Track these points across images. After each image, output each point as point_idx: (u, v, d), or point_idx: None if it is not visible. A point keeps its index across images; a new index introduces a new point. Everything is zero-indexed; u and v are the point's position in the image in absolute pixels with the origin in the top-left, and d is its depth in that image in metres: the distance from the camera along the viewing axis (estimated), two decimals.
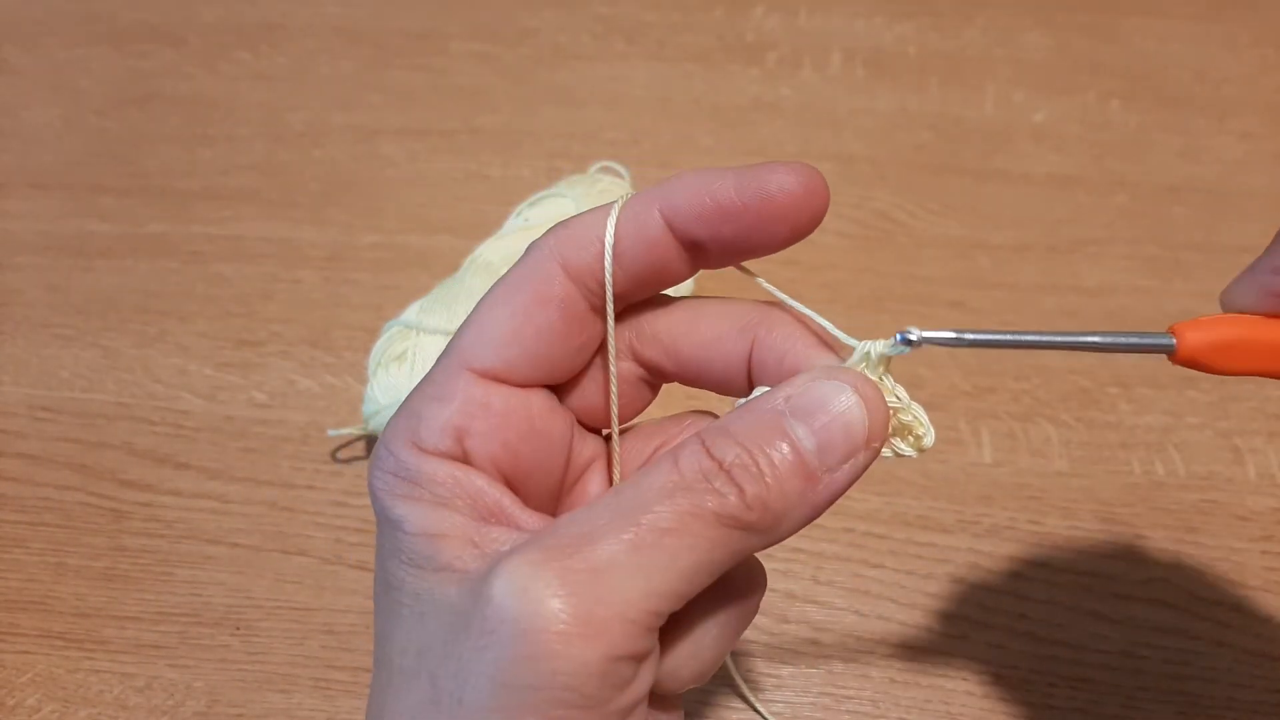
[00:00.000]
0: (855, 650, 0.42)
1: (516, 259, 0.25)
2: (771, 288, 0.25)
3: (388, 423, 0.25)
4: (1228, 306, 0.27)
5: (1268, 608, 0.42)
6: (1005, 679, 0.41)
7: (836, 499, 0.23)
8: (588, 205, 0.48)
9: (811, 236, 0.24)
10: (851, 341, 0.24)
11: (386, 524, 0.24)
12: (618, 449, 0.27)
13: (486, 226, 0.50)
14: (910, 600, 0.43)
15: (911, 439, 0.24)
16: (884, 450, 0.24)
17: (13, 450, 0.49)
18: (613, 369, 0.25)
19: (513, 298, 0.24)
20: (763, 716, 0.40)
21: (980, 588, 0.43)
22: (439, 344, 0.44)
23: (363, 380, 0.50)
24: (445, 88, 0.65)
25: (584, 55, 0.67)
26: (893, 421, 0.24)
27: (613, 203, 0.24)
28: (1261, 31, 0.67)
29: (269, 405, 0.50)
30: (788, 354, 0.25)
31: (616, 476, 0.27)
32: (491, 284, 0.25)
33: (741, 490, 0.22)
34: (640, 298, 0.26)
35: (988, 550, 0.44)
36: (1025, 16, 0.68)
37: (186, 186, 0.60)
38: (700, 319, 0.26)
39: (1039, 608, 0.42)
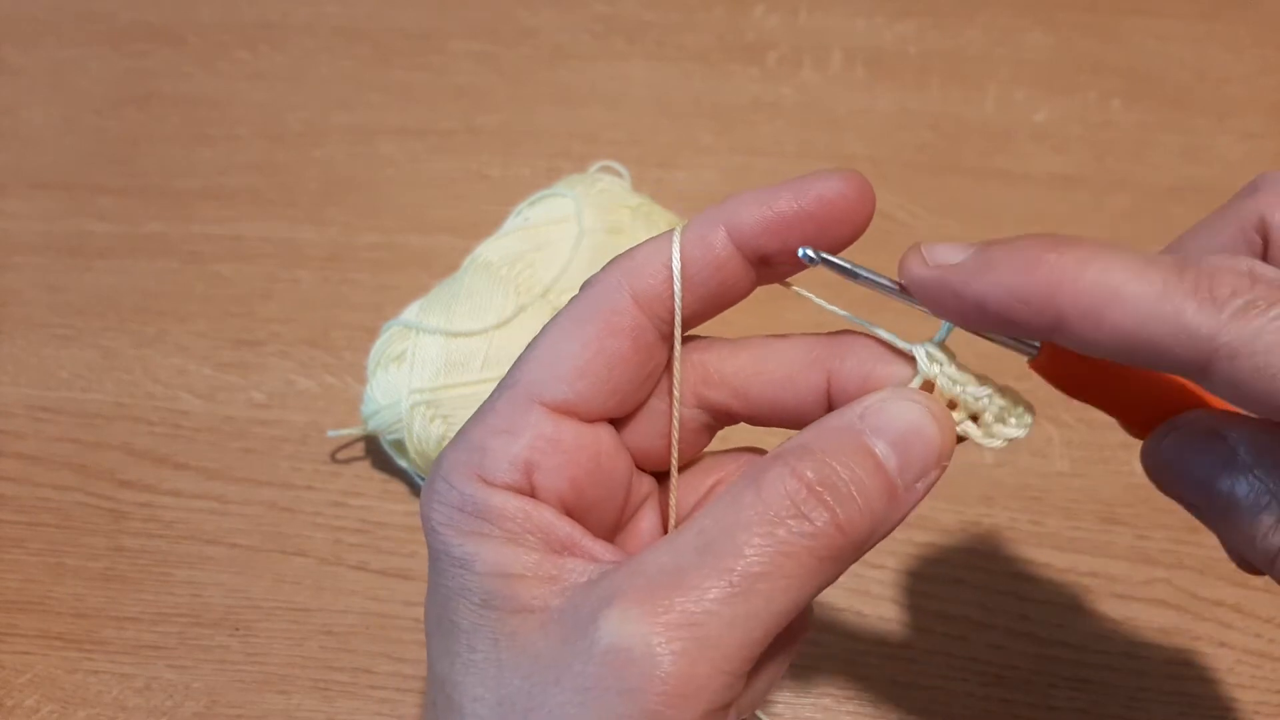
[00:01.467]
0: (856, 651, 0.42)
1: (515, 257, 0.25)
2: (821, 301, 0.26)
3: (442, 455, 0.24)
4: None
5: (1268, 608, 0.42)
6: (1006, 679, 0.41)
7: (905, 517, 0.23)
8: (588, 205, 0.48)
9: None
10: (904, 345, 0.25)
11: (449, 561, 0.23)
12: (675, 479, 0.26)
13: (486, 226, 0.50)
14: (911, 601, 0.43)
15: (1014, 418, 0.25)
16: (994, 441, 0.24)
17: (11, 450, 0.49)
18: (676, 394, 0.25)
19: (582, 329, 0.24)
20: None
21: (981, 588, 0.43)
22: (438, 344, 0.44)
23: (362, 380, 0.49)
24: (444, 87, 0.65)
25: (584, 55, 0.67)
26: (988, 411, 0.24)
27: (673, 229, 0.24)
28: (1262, 31, 0.67)
29: (268, 405, 0.50)
30: (869, 377, 0.24)
31: (673, 514, 0.26)
32: (490, 283, 0.25)
33: (834, 513, 0.21)
34: (706, 320, 0.25)
35: (988, 551, 0.44)
36: (1026, 16, 0.68)
37: (185, 186, 0.60)
38: (769, 358, 0.25)
39: (1040, 608, 0.42)
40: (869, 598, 0.43)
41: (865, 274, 0.24)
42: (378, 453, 0.48)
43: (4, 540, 0.46)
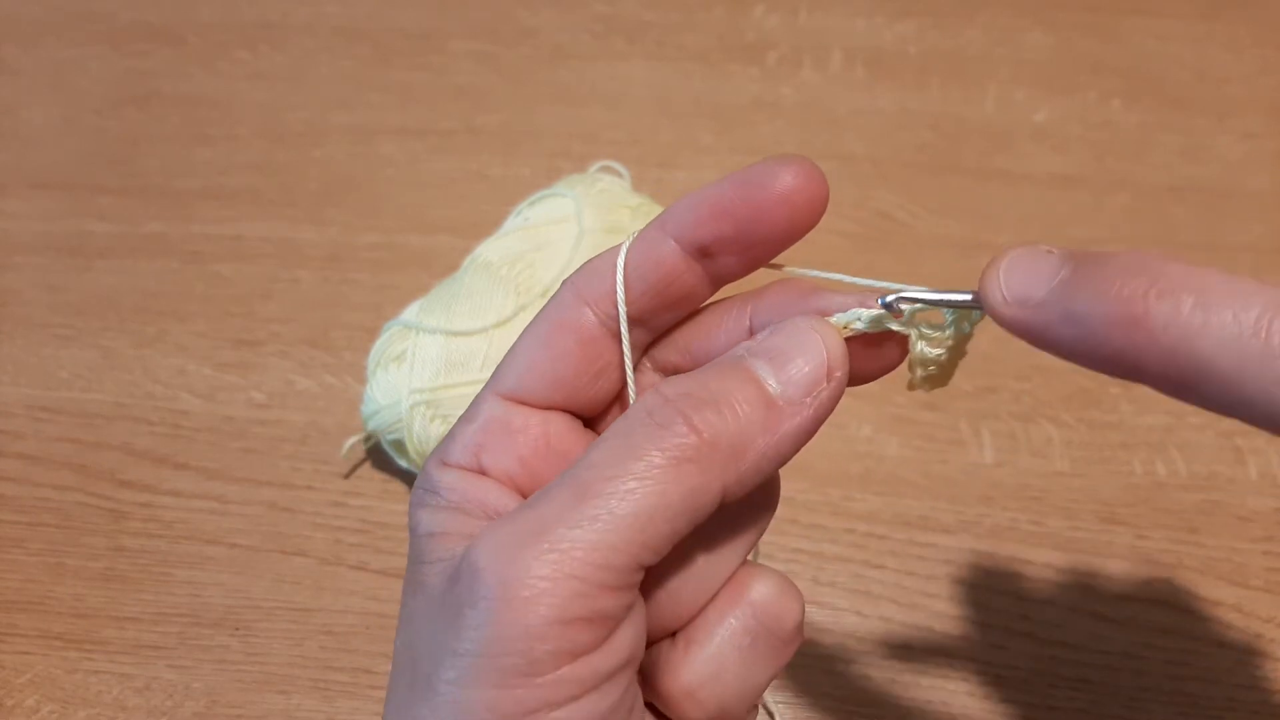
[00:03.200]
0: (856, 651, 0.42)
1: (515, 257, 0.26)
2: (804, 271, 0.26)
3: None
4: None
5: (1268, 608, 0.42)
6: (1006, 680, 0.41)
7: (808, 433, 0.23)
8: (588, 205, 0.48)
9: (811, 236, 0.24)
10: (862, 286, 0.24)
11: (410, 533, 0.25)
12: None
13: (486, 226, 0.50)
14: (911, 601, 0.43)
15: (934, 337, 0.24)
16: (933, 351, 0.24)
17: (11, 450, 0.49)
18: (630, 382, 0.26)
19: (537, 328, 0.26)
20: (769, 712, 0.40)
21: (981, 588, 0.43)
22: (438, 344, 0.44)
23: (362, 380, 0.49)
24: (444, 87, 0.65)
25: (584, 55, 0.67)
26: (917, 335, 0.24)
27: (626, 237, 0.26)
28: (1262, 31, 0.67)
29: (268, 405, 0.50)
30: (784, 309, 0.25)
31: None
32: (490, 283, 0.25)
33: (687, 417, 0.21)
34: (667, 321, 0.26)
35: (989, 551, 0.44)
36: (1026, 16, 0.68)
37: (185, 186, 0.60)
38: (706, 311, 0.26)
39: (1040, 608, 0.42)
40: (869, 598, 0.43)
41: (938, 296, 0.23)
42: (378, 453, 0.48)
43: (4, 540, 0.46)
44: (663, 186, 0.58)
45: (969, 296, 0.23)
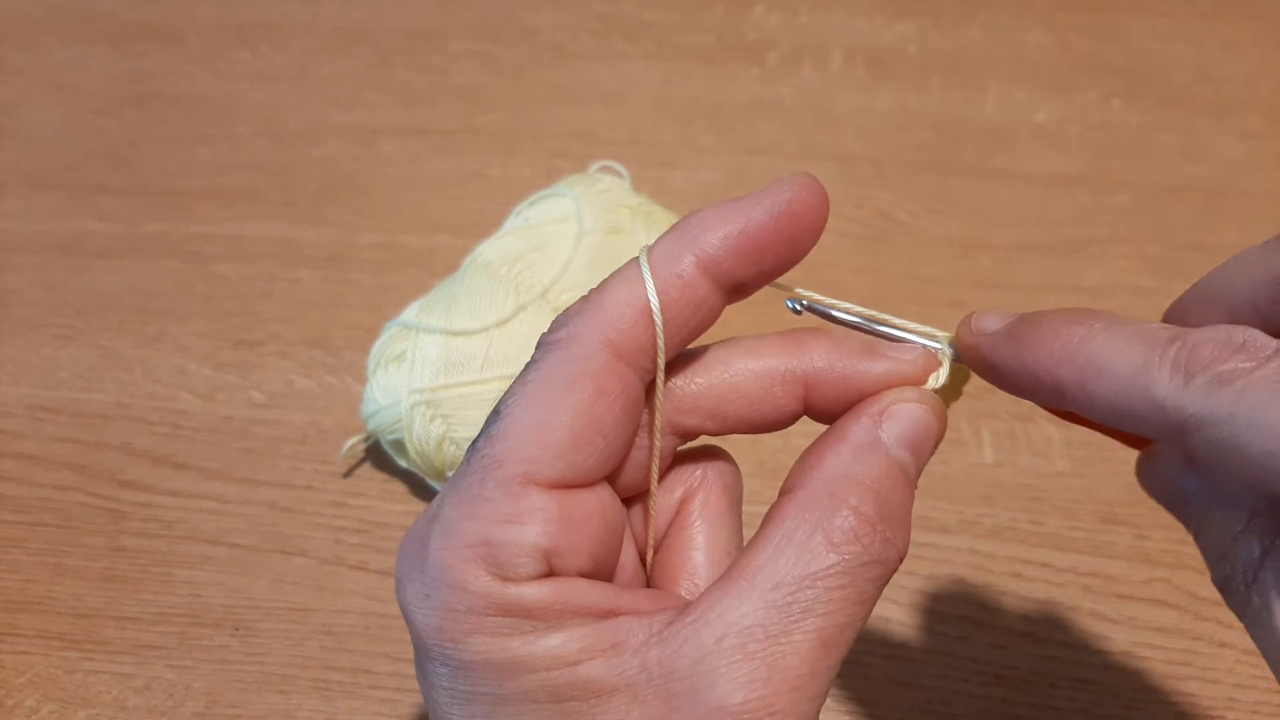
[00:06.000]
0: (856, 651, 0.42)
1: (515, 257, 0.25)
2: (811, 294, 0.26)
3: (429, 555, 0.22)
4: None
5: None
6: (1006, 680, 0.41)
7: None
8: (588, 205, 0.48)
9: None
10: (934, 345, 0.26)
11: (494, 671, 0.21)
12: (654, 514, 0.26)
13: (486, 226, 0.50)
14: (911, 601, 0.43)
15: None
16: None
17: (11, 450, 0.49)
18: (656, 443, 0.25)
19: (570, 398, 0.22)
20: None
21: (981, 588, 0.43)
22: (438, 344, 0.44)
23: (362, 380, 0.49)
24: (445, 87, 0.65)
25: (584, 55, 0.67)
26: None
27: (635, 264, 0.23)
28: (1262, 31, 0.67)
29: (268, 405, 0.50)
30: (847, 375, 0.25)
31: (651, 544, 0.26)
32: (490, 283, 0.25)
33: (897, 546, 0.22)
34: (680, 351, 0.25)
35: (989, 550, 0.44)
36: (1026, 16, 0.68)
37: (185, 186, 0.60)
38: (739, 375, 0.25)
39: (1040, 608, 0.42)
40: None
41: (850, 318, 0.26)
42: (378, 453, 0.48)
43: (4, 540, 0.46)
44: (663, 186, 0.58)
45: (945, 339, 0.26)
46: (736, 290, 0.24)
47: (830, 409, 0.25)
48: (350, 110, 0.64)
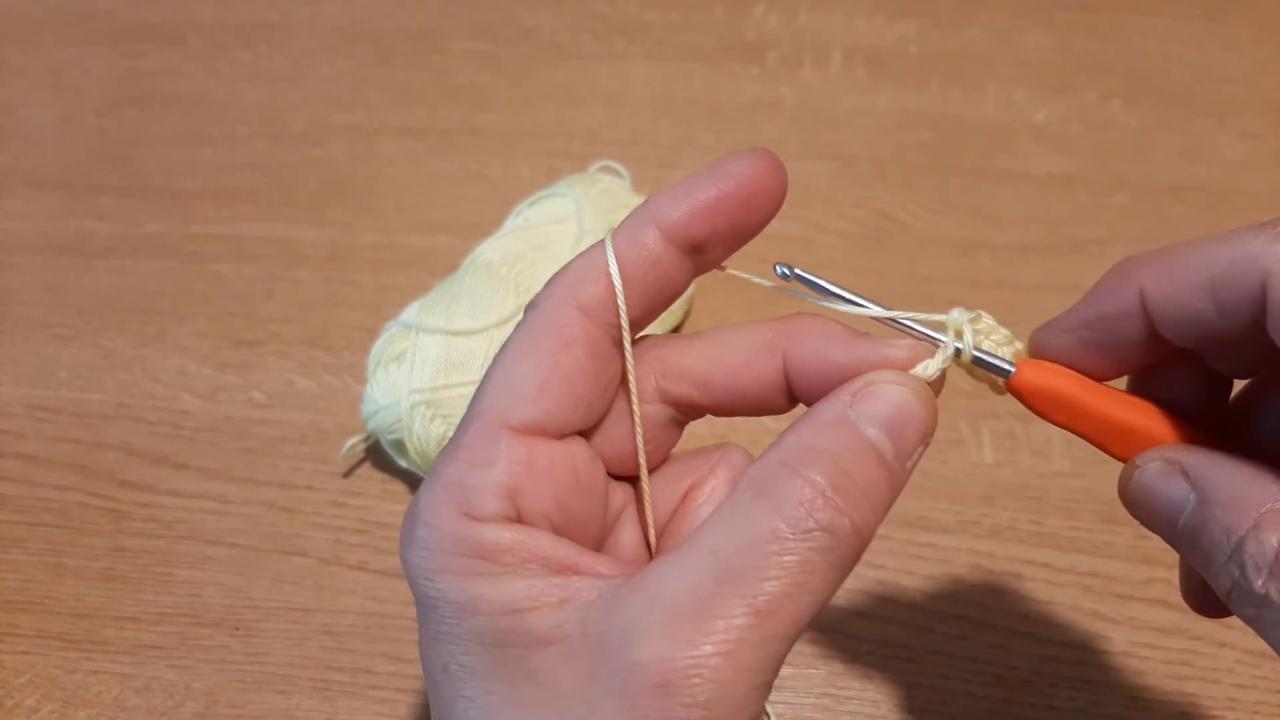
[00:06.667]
0: (856, 651, 0.42)
1: (515, 257, 0.25)
2: (808, 275, 0.26)
3: (418, 499, 0.23)
4: (1036, 346, 0.27)
5: None
6: (1006, 680, 0.41)
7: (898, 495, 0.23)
8: (588, 205, 0.48)
9: (811, 236, 0.25)
10: (936, 336, 0.26)
11: (451, 608, 0.22)
12: (646, 481, 0.26)
13: (486, 226, 0.50)
14: (911, 601, 0.43)
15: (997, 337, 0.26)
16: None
17: (11, 450, 0.49)
18: (635, 399, 0.25)
19: (536, 347, 0.24)
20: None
21: (981, 588, 0.43)
22: (438, 344, 0.44)
23: (362, 380, 0.49)
24: (445, 87, 0.65)
25: (584, 55, 0.67)
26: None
27: (604, 238, 0.25)
28: (1262, 31, 0.67)
29: (268, 405, 0.50)
30: (828, 354, 0.25)
31: (650, 521, 0.26)
32: (490, 283, 0.25)
33: (851, 518, 0.22)
34: (651, 320, 0.25)
35: (989, 550, 0.44)
36: (1026, 16, 0.68)
37: (185, 186, 0.60)
38: (726, 347, 0.26)
39: (1040, 608, 0.42)
40: (870, 598, 0.43)
41: (839, 291, 0.26)
42: (378, 453, 0.48)
43: (4, 540, 0.46)
44: (663, 186, 0.58)
45: (866, 303, 0.26)
46: (696, 250, 0.25)
47: (814, 390, 0.25)
48: (350, 110, 0.64)
